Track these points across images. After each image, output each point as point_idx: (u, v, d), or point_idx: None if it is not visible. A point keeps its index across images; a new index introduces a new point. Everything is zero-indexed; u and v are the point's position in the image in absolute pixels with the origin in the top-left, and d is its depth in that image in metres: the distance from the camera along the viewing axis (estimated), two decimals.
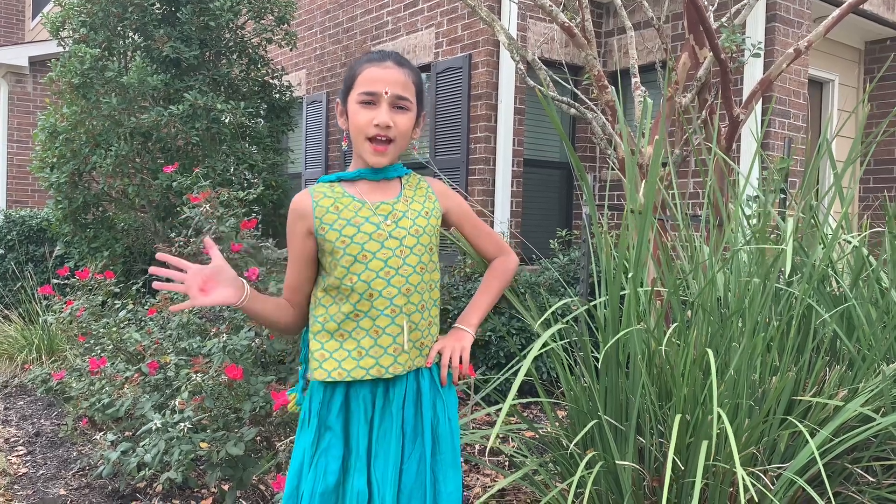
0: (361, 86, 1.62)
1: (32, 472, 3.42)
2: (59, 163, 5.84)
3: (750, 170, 2.62)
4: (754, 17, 5.32)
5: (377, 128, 1.61)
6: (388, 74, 1.62)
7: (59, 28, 5.92)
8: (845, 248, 2.81)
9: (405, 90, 1.64)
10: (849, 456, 2.29)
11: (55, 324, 3.62)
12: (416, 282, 1.63)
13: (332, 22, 7.78)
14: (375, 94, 1.61)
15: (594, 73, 3.75)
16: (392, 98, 1.62)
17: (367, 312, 1.61)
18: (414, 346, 1.64)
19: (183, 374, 2.90)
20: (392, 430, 1.62)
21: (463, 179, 6.06)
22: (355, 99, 1.63)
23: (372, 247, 1.61)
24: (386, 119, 1.61)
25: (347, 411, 1.64)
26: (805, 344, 2.41)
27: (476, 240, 1.83)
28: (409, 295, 1.63)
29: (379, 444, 1.62)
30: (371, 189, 1.69)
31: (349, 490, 1.60)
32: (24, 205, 9.91)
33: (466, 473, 3.36)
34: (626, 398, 2.27)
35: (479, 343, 4.56)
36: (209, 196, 3.04)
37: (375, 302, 1.60)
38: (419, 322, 1.65)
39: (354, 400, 1.63)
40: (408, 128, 1.65)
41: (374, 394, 1.64)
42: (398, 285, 1.61)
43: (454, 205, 1.78)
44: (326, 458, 1.61)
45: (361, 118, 1.62)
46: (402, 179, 1.74)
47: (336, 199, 1.65)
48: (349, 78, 1.67)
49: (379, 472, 1.61)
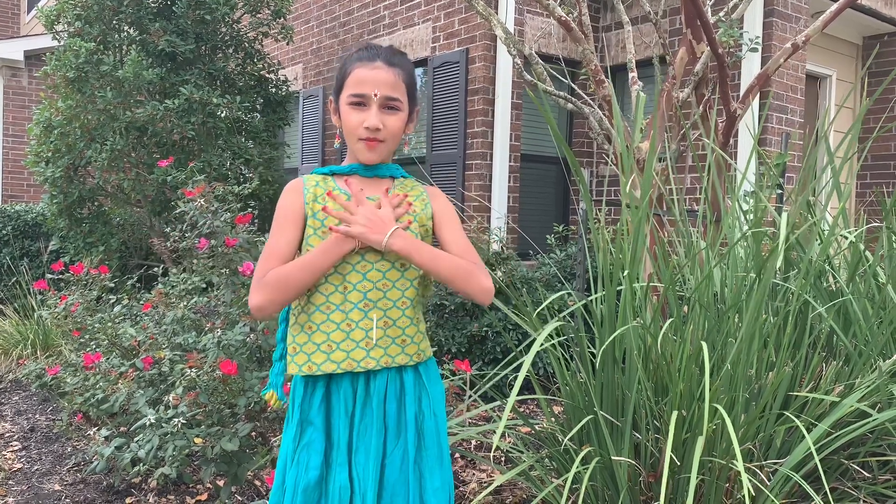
0: (351, 87, 1.62)
1: (27, 468, 3.41)
2: (55, 157, 5.82)
3: (747, 165, 2.61)
4: (752, 11, 5.30)
5: (367, 130, 1.61)
6: (377, 76, 1.61)
7: (54, 22, 5.89)
8: (842, 243, 2.80)
9: (395, 90, 1.62)
10: (845, 451, 2.29)
11: (50, 319, 3.60)
12: (394, 277, 1.62)
13: (328, 16, 7.76)
14: (365, 95, 1.61)
15: (591, 67, 3.74)
16: (382, 99, 1.61)
17: (339, 305, 1.60)
18: (393, 343, 1.62)
19: (178, 370, 2.88)
20: (373, 425, 1.62)
21: (460, 175, 6.05)
22: (345, 100, 1.63)
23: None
24: (375, 122, 1.60)
25: (329, 405, 1.64)
26: (801, 339, 2.41)
27: (449, 247, 1.68)
28: (385, 290, 1.61)
29: (360, 439, 1.62)
30: (363, 184, 1.68)
31: (331, 484, 1.60)
32: (19, 199, 9.88)
33: (462, 469, 3.36)
34: (623, 394, 2.27)
35: (475, 338, 4.55)
36: (204, 191, 3.02)
37: (349, 295, 1.59)
38: (398, 318, 1.63)
39: (335, 394, 1.63)
40: (398, 128, 1.64)
41: (354, 388, 1.63)
42: (374, 279, 1.60)
43: (440, 205, 1.73)
44: (308, 452, 1.61)
45: (352, 120, 1.62)
46: (396, 181, 1.73)
47: (326, 191, 1.65)
48: (340, 77, 1.66)
49: (360, 467, 1.60)
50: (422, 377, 1.69)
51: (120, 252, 6.05)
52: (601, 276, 2.44)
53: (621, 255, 2.34)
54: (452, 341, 4.56)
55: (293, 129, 8.09)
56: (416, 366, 1.69)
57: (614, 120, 2.45)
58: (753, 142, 2.51)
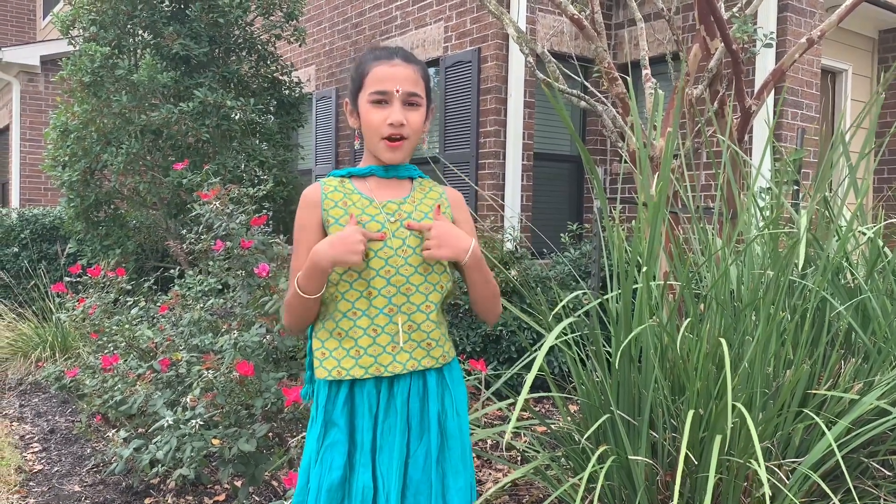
0: (372, 85, 1.62)
1: (48, 469, 3.45)
2: (71, 161, 5.87)
3: (761, 161, 2.59)
4: (766, 6, 5.26)
5: (391, 127, 1.61)
6: (398, 72, 1.62)
7: (70, 27, 5.94)
8: (860, 239, 2.77)
9: (415, 86, 1.63)
10: (865, 450, 2.27)
11: (68, 321, 3.65)
12: (417, 282, 1.62)
13: (340, 17, 7.78)
14: (387, 92, 1.61)
15: (604, 65, 3.72)
16: (404, 95, 1.62)
17: (364, 311, 1.60)
18: (419, 347, 1.63)
19: (195, 371, 2.90)
20: (396, 425, 1.62)
21: (473, 174, 6.04)
22: (367, 99, 1.63)
23: (374, 245, 1.60)
24: (400, 118, 1.60)
25: (352, 406, 1.64)
26: (819, 337, 2.38)
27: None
28: (409, 294, 1.62)
29: (384, 439, 1.62)
30: (380, 186, 1.68)
31: (355, 484, 1.60)
32: (37, 203, 9.98)
33: (479, 468, 3.35)
34: (639, 392, 2.26)
35: (490, 338, 4.55)
36: (219, 193, 3.04)
37: (374, 300, 1.60)
38: (422, 322, 1.63)
39: (359, 395, 1.64)
40: (420, 123, 1.65)
41: (378, 388, 1.64)
42: (398, 284, 1.61)
43: (461, 219, 1.74)
44: (332, 453, 1.61)
45: (375, 118, 1.62)
46: (414, 182, 1.73)
47: (346, 195, 1.66)
48: (358, 77, 1.66)
49: (384, 467, 1.61)
50: (445, 378, 1.70)
51: (136, 254, 6.09)
52: (616, 274, 2.44)
53: (637, 253, 2.33)
54: (467, 341, 4.56)
55: (307, 131, 8.11)
56: (441, 368, 1.69)
57: (630, 118, 2.44)
58: (769, 137, 2.49)
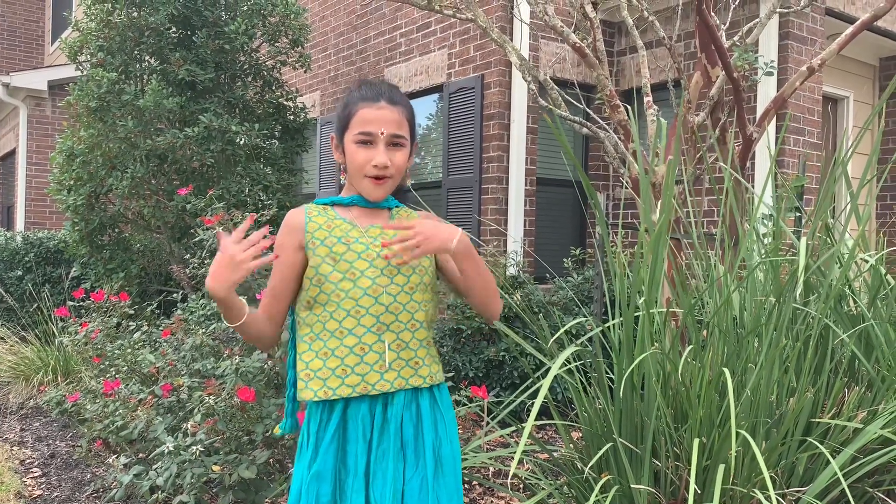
0: (358, 126, 1.67)
1: (47, 494, 3.43)
2: (77, 185, 5.91)
3: (763, 188, 2.60)
4: (767, 35, 5.30)
5: (376, 168, 1.66)
6: (383, 115, 1.66)
7: (78, 52, 6.01)
8: (862, 266, 2.77)
9: (400, 128, 1.68)
10: (869, 479, 2.25)
11: (70, 345, 3.64)
12: (404, 301, 1.65)
13: (345, 44, 7.85)
14: (373, 134, 1.66)
15: (606, 92, 3.75)
16: (388, 137, 1.67)
17: (351, 330, 1.62)
18: (407, 365, 1.65)
19: (196, 397, 2.90)
20: (390, 451, 1.63)
21: (476, 199, 6.06)
22: (352, 139, 1.68)
23: (361, 265, 1.64)
24: (384, 160, 1.65)
25: (345, 431, 1.65)
26: (823, 364, 2.38)
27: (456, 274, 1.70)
28: (397, 313, 1.64)
29: (377, 464, 1.63)
30: (363, 214, 1.73)
31: None
32: (41, 227, 10.02)
33: (480, 496, 3.33)
34: (642, 420, 2.25)
35: (493, 363, 4.53)
36: (222, 219, 3.06)
37: (362, 319, 1.62)
38: (409, 340, 1.66)
39: (353, 420, 1.64)
40: (403, 163, 1.70)
41: (372, 413, 1.64)
42: (386, 303, 1.63)
43: None
44: (318, 482, 1.62)
45: (360, 158, 1.67)
46: (393, 210, 1.78)
47: (329, 220, 1.70)
48: (344, 117, 1.71)
49: (377, 492, 1.61)
50: (437, 402, 1.71)
51: (140, 278, 6.10)
52: (618, 300, 2.44)
53: (640, 280, 2.33)
54: (469, 366, 4.54)
55: (311, 156, 8.16)
56: (432, 389, 1.70)
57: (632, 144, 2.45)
58: (771, 164, 2.50)
